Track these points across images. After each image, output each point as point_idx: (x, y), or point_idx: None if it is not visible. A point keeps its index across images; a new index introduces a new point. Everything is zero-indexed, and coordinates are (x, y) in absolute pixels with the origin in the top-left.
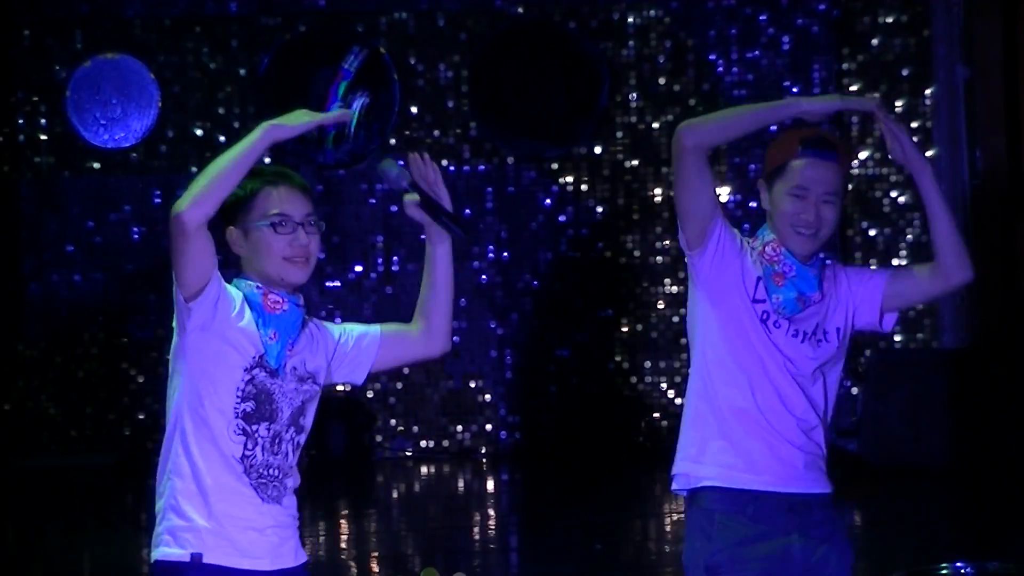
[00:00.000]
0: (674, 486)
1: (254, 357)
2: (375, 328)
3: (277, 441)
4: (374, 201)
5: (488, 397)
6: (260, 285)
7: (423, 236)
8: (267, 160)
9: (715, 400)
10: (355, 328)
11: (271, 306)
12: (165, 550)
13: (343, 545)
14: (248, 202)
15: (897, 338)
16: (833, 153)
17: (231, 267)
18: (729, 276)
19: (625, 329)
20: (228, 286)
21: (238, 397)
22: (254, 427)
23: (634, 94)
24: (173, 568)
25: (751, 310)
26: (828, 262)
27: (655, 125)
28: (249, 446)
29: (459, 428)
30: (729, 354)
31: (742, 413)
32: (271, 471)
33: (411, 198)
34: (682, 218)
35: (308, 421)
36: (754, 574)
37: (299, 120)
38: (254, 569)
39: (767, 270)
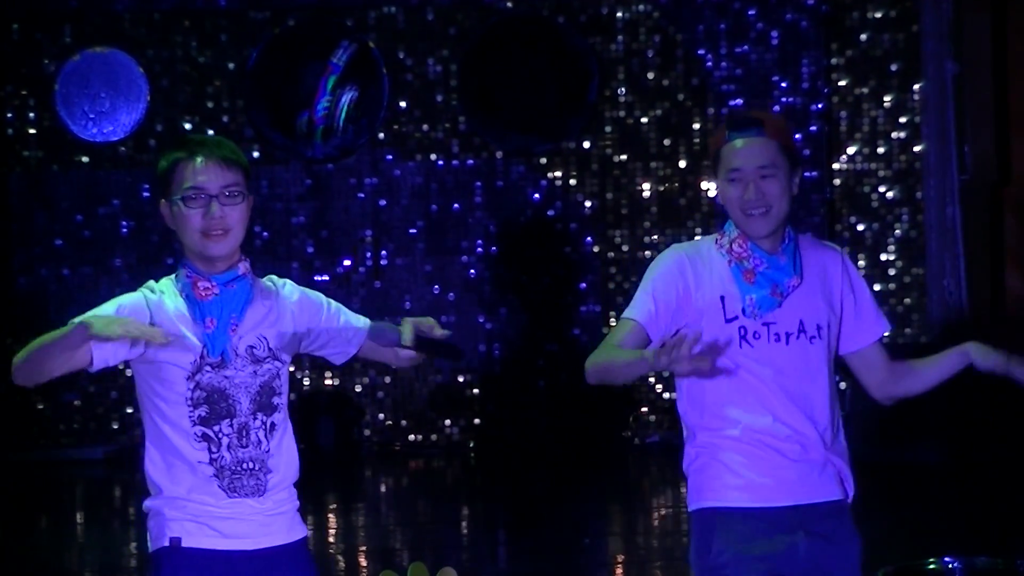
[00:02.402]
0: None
1: (193, 361)
2: (364, 322)
3: (244, 433)
4: (363, 195)
5: (477, 392)
6: (192, 272)
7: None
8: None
9: (702, 425)
10: (346, 313)
11: (202, 294)
12: (152, 544)
13: (331, 539)
14: (168, 175)
15: (884, 333)
16: (757, 128)
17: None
18: (701, 319)
19: (613, 323)
20: (139, 296)
21: (189, 406)
22: (215, 428)
23: (623, 89)
24: (157, 556)
25: (727, 333)
26: (836, 254)
27: (644, 120)
28: (214, 449)
29: (447, 422)
30: (712, 383)
31: (731, 435)
32: (244, 465)
33: (407, 352)
34: None
35: (281, 399)
36: (759, 572)
37: (108, 330)
38: (236, 549)
39: (736, 270)
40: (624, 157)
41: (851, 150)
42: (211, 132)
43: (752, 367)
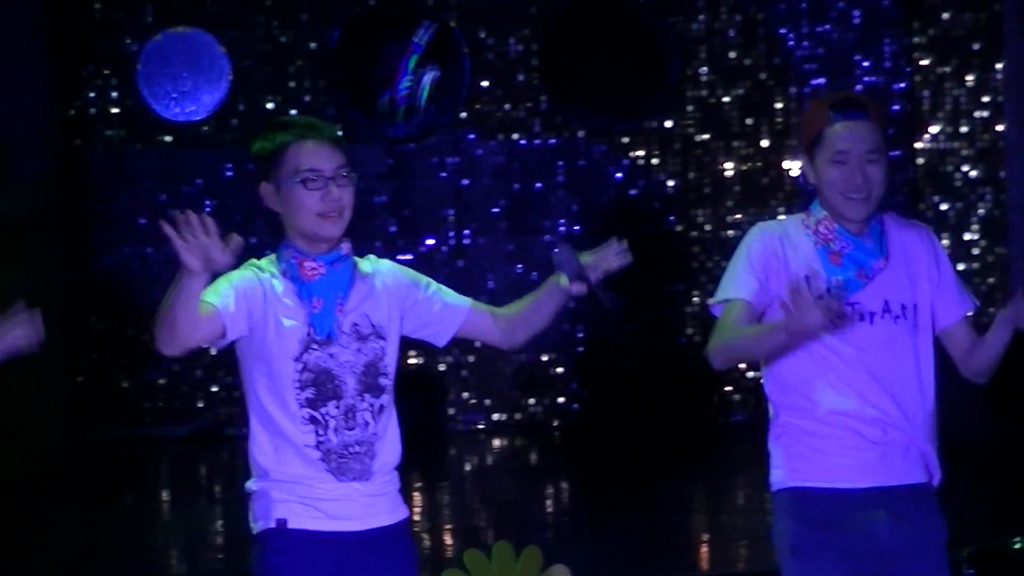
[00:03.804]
0: None
1: (301, 340)
2: (466, 301)
3: (351, 415)
4: (445, 175)
5: (560, 371)
6: (296, 253)
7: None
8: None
9: (787, 403)
10: (445, 292)
11: (308, 274)
12: (257, 524)
13: (416, 517)
14: (277, 157)
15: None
16: (865, 113)
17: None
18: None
19: (696, 302)
20: (250, 273)
21: (296, 387)
22: (322, 411)
23: (704, 68)
24: (262, 537)
25: None
26: (923, 231)
27: (726, 99)
28: (320, 432)
29: (531, 401)
30: (795, 359)
31: (814, 416)
32: (350, 449)
33: (578, 285)
34: None
35: (387, 380)
36: (837, 554)
37: (208, 254)
38: (342, 530)
39: (822, 251)
40: (706, 136)
41: (933, 129)
42: (293, 112)
43: (837, 347)
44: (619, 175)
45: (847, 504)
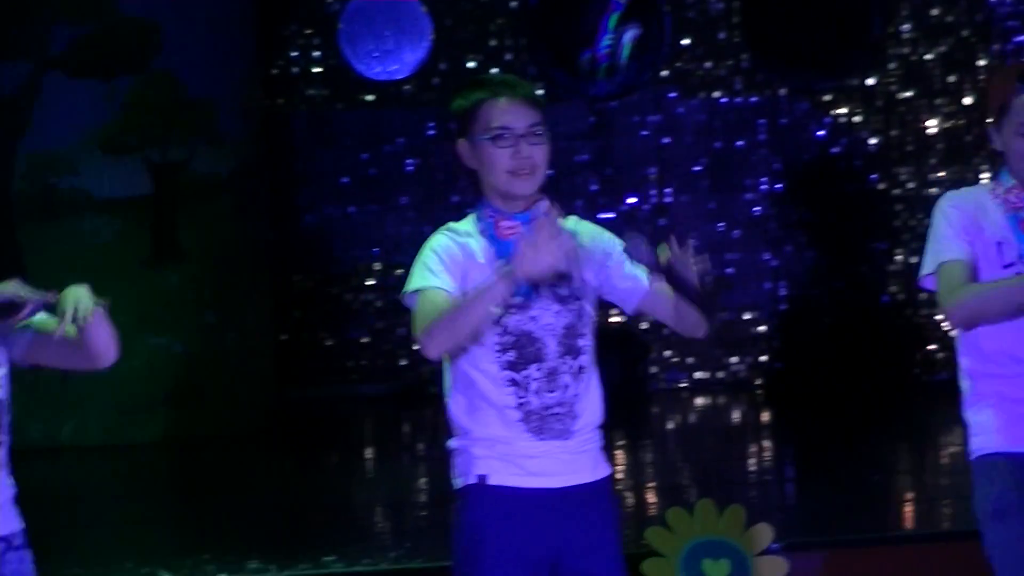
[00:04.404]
0: None
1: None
2: (645, 279)
3: (553, 377)
4: (646, 133)
5: (763, 329)
6: (494, 212)
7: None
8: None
9: (984, 371)
10: (635, 266)
11: (505, 233)
12: (458, 480)
13: (619, 476)
14: (472, 114)
15: None
16: None
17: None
18: (978, 263)
19: (899, 260)
20: (446, 239)
21: (498, 351)
22: (523, 373)
23: (906, 25)
24: (463, 493)
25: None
26: None
27: (928, 56)
28: (521, 394)
29: (734, 360)
30: (991, 329)
31: (1014, 382)
32: (551, 411)
33: (656, 279)
34: None
35: (586, 341)
36: None
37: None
38: (543, 487)
39: (1012, 219)
40: (909, 94)
41: None
42: (495, 71)
43: None
44: (821, 133)
45: None
